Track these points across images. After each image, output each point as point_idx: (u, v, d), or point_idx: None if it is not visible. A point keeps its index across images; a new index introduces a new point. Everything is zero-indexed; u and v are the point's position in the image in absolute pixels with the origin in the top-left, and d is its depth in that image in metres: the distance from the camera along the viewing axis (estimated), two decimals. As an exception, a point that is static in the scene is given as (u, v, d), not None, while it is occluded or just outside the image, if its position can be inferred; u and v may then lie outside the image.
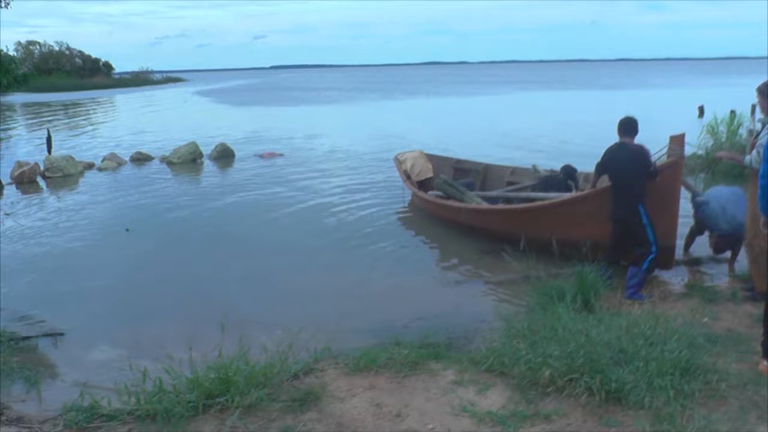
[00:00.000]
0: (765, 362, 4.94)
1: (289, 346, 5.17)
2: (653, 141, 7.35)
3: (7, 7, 13.51)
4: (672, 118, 22.00)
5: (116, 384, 4.75)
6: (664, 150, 7.18)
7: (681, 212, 7.44)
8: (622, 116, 7.39)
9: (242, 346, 5.00)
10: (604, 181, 7.60)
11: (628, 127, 7.24)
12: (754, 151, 6.26)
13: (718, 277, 7.70)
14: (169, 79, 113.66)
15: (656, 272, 7.61)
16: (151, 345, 6.08)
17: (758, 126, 12.45)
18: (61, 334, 6.61)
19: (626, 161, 7.08)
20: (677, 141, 7.12)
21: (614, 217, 7.25)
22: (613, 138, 7.34)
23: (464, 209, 9.98)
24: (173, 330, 6.60)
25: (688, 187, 8.03)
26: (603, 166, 7.49)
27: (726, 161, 8.07)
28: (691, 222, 8.40)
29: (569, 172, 10.49)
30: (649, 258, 7.01)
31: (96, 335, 6.67)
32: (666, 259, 7.45)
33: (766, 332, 4.99)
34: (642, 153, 7.03)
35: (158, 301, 7.72)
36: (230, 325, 5.34)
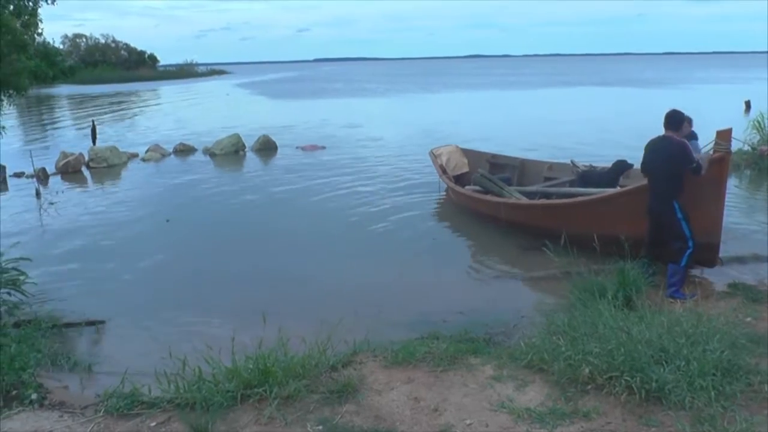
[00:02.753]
0: None
1: (328, 338, 5.20)
2: (698, 136, 7.22)
3: (53, 4, 13.70)
4: (718, 113, 21.54)
5: (156, 372, 4.81)
6: (711, 145, 7.06)
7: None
8: (667, 110, 7.27)
9: (281, 337, 5.04)
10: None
11: (672, 120, 7.11)
12: None
13: (763, 276, 7.55)
14: (213, 71, 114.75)
15: (700, 270, 7.49)
16: (191, 334, 6.19)
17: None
18: (102, 322, 6.74)
19: (665, 155, 6.97)
20: (724, 136, 6.98)
21: (649, 210, 7.16)
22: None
23: (504, 204, 9.91)
24: (213, 320, 6.70)
25: None
26: (643, 158, 7.41)
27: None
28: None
29: (622, 167, 10.31)
30: (687, 253, 6.89)
31: (136, 324, 6.81)
32: (710, 257, 7.32)
33: None
34: (682, 149, 6.90)
35: (198, 291, 7.83)
36: (269, 316, 5.39)
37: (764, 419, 4.14)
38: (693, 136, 9.96)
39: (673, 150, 6.91)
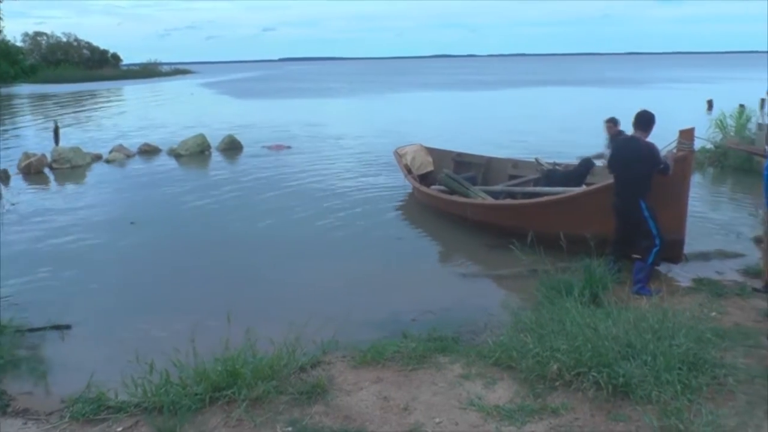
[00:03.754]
0: None
1: (296, 338, 5.18)
2: (660, 135, 7.30)
3: (13, -1, 13.40)
4: (680, 112, 21.90)
5: (123, 376, 4.74)
6: (674, 144, 7.15)
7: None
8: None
9: (249, 339, 5.01)
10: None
11: (641, 120, 7.17)
12: None
13: (727, 272, 7.67)
14: (178, 71, 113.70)
15: (665, 267, 7.59)
16: (158, 338, 6.09)
17: (768, 120, 12.42)
18: (68, 327, 6.62)
19: (633, 156, 7.04)
20: (687, 135, 7.08)
21: (615, 208, 7.23)
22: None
23: (470, 204, 9.94)
24: (180, 323, 6.58)
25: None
26: (610, 157, 7.48)
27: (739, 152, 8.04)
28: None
29: (588, 166, 10.40)
30: (654, 251, 6.98)
31: (103, 328, 6.70)
32: (675, 253, 7.43)
33: None
34: (649, 151, 6.96)
35: (164, 294, 7.75)
36: (237, 317, 5.35)
37: (729, 411, 4.22)
38: (621, 135, 10.20)
39: (641, 151, 6.98)
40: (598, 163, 10.50)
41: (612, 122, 10.44)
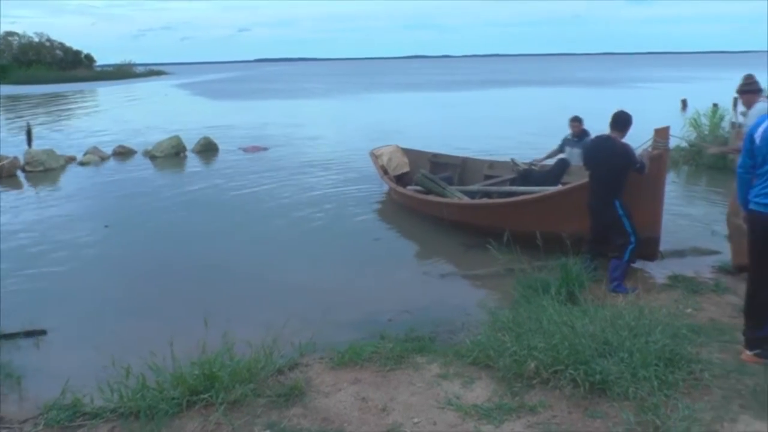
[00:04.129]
0: (747, 352, 5.00)
1: (274, 340, 5.16)
2: (635, 134, 7.36)
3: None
4: (655, 112, 22.06)
5: (99, 382, 4.69)
6: (649, 142, 7.21)
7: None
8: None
9: (226, 342, 4.98)
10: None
11: (617, 121, 7.21)
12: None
13: (702, 269, 7.75)
14: (152, 72, 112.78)
15: (641, 264, 7.65)
16: (135, 342, 5.99)
17: (741, 118, 12.60)
18: (43, 332, 6.53)
19: (607, 156, 7.09)
20: (662, 134, 7.14)
21: (590, 207, 7.28)
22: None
23: (446, 204, 9.96)
24: (157, 327, 6.53)
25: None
26: (585, 156, 7.54)
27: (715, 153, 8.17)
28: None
29: (564, 165, 10.47)
30: (629, 249, 7.04)
31: (78, 333, 6.63)
32: (651, 251, 7.48)
33: (747, 322, 5.05)
34: (624, 152, 7.02)
35: (140, 297, 7.66)
36: (214, 320, 5.31)
37: (705, 406, 4.26)
38: (586, 134, 10.39)
39: (616, 151, 7.03)
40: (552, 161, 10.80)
41: (576, 121, 10.60)
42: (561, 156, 10.83)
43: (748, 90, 7.36)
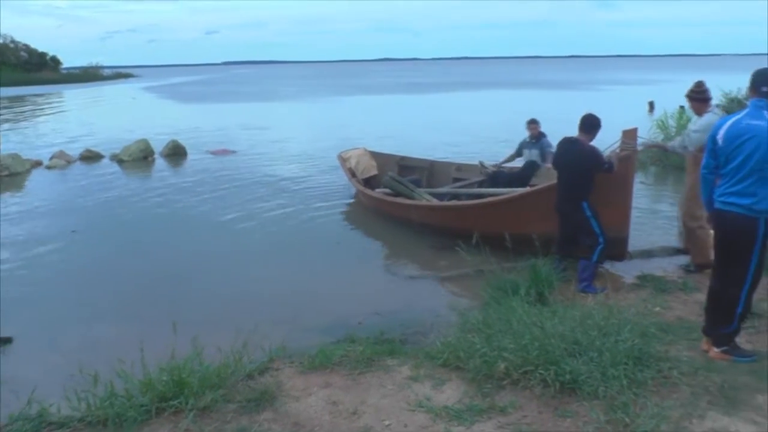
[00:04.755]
0: (715, 349, 5.08)
1: (244, 345, 5.12)
2: (603, 136, 7.42)
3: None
4: (623, 113, 22.31)
5: (66, 390, 4.59)
6: (617, 144, 7.28)
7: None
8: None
9: (196, 347, 4.92)
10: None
11: (585, 123, 7.26)
12: (679, 138, 7.05)
13: (670, 268, 7.84)
14: (119, 74, 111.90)
15: (609, 264, 7.72)
16: (103, 349, 5.95)
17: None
18: (9, 341, 6.42)
19: (575, 159, 7.15)
20: (630, 135, 7.22)
21: (558, 209, 7.33)
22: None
23: (415, 206, 9.97)
24: (125, 333, 6.46)
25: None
26: (554, 158, 7.60)
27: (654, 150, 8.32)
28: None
29: (532, 167, 10.55)
30: (598, 249, 7.10)
31: (45, 341, 6.51)
32: (619, 251, 7.54)
33: (711, 319, 5.14)
34: (592, 155, 7.07)
35: (108, 303, 7.57)
36: (183, 326, 5.24)
37: (674, 403, 4.30)
38: (543, 136, 10.57)
39: (583, 153, 7.08)
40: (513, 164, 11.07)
41: (533, 123, 10.78)
42: (519, 159, 11.04)
43: (698, 98, 7.48)
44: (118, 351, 5.12)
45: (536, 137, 10.82)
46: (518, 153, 11.26)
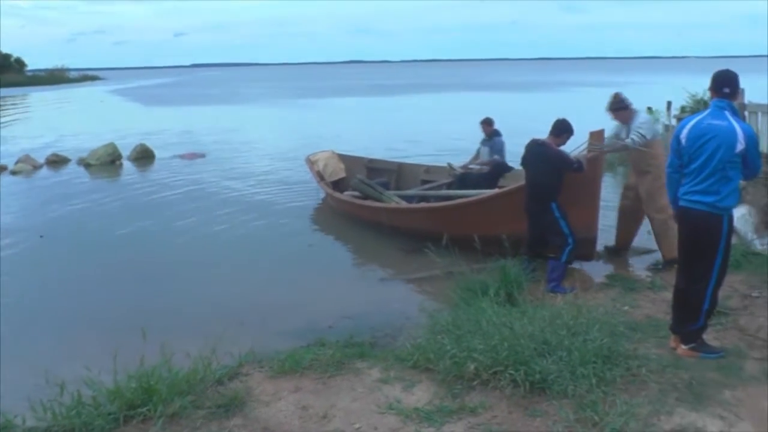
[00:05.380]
0: (683, 346, 5.15)
1: (212, 351, 5.06)
2: (572, 136, 7.49)
3: None
4: (590, 115, 22.48)
5: (32, 401, 4.50)
6: (585, 145, 7.34)
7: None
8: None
9: (164, 354, 4.86)
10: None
11: (556, 127, 7.36)
12: (634, 134, 7.37)
13: (638, 267, 7.93)
14: (86, 77, 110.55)
15: (579, 264, 7.77)
16: (71, 357, 5.83)
17: (674, 121, 13.00)
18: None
19: (542, 161, 7.22)
20: (597, 136, 7.29)
21: (526, 210, 7.38)
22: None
23: (384, 209, 9.97)
24: (93, 340, 6.40)
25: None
26: (522, 159, 7.66)
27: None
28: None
29: (500, 169, 10.59)
30: (567, 249, 7.15)
31: (10, 349, 6.34)
32: (588, 251, 7.61)
33: (678, 316, 5.21)
34: (558, 158, 7.15)
35: (76, 311, 7.48)
36: (152, 332, 5.18)
37: (643, 400, 4.33)
38: (497, 134, 10.70)
39: (549, 156, 7.18)
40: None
41: (486, 123, 10.89)
42: (480, 159, 11.15)
43: (619, 107, 7.78)
44: (86, 359, 5.05)
45: (490, 135, 10.94)
46: (478, 151, 11.38)
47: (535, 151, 7.34)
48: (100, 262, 9.33)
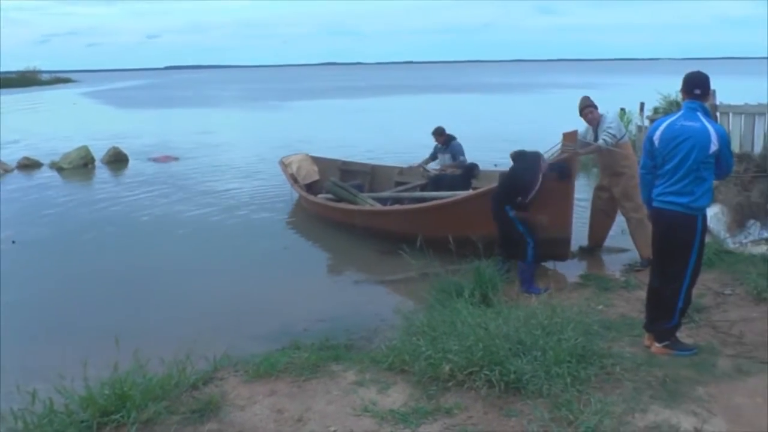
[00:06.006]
0: (657, 344, 5.21)
1: (187, 355, 5.02)
2: (545, 138, 7.54)
3: None
4: (563, 116, 22.65)
5: (2, 410, 4.45)
6: (558, 146, 7.38)
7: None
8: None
9: (138, 359, 4.80)
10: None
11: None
12: (605, 135, 7.60)
13: (612, 267, 7.99)
14: (58, 79, 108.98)
15: (553, 264, 7.82)
16: (42, 365, 5.76)
17: (647, 122, 13.14)
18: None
19: (514, 171, 7.37)
20: (570, 137, 7.34)
21: (491, 211, 7.42)
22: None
23: (358, 211, 9.97)
24: (65, 348, 6.28)
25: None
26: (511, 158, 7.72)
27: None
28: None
29: (472, 170, 10.64)
30: (529, 249, 7.17)
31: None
32: (562, 251, 7.66)
33: (652, 315, 5.26)
34: (524, 181, 7.19)
35: (47, 317, 7.40)
36: (125, 338, 5.11)
37: (617, 399, 4.37)
38: (452, 139, 10.88)
39: (517, 173, 7.27)
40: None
41: (438, 133, 11.38)
42: (434, 163, 11.61)
43: (589, 105, 8.03)
44: (59, 367, 4.98)
45: (445, 143, 11.24)
46: (432, 157, 11.71)
47: (516, 161, 7.40)
48: (73, 268, 9.24)
